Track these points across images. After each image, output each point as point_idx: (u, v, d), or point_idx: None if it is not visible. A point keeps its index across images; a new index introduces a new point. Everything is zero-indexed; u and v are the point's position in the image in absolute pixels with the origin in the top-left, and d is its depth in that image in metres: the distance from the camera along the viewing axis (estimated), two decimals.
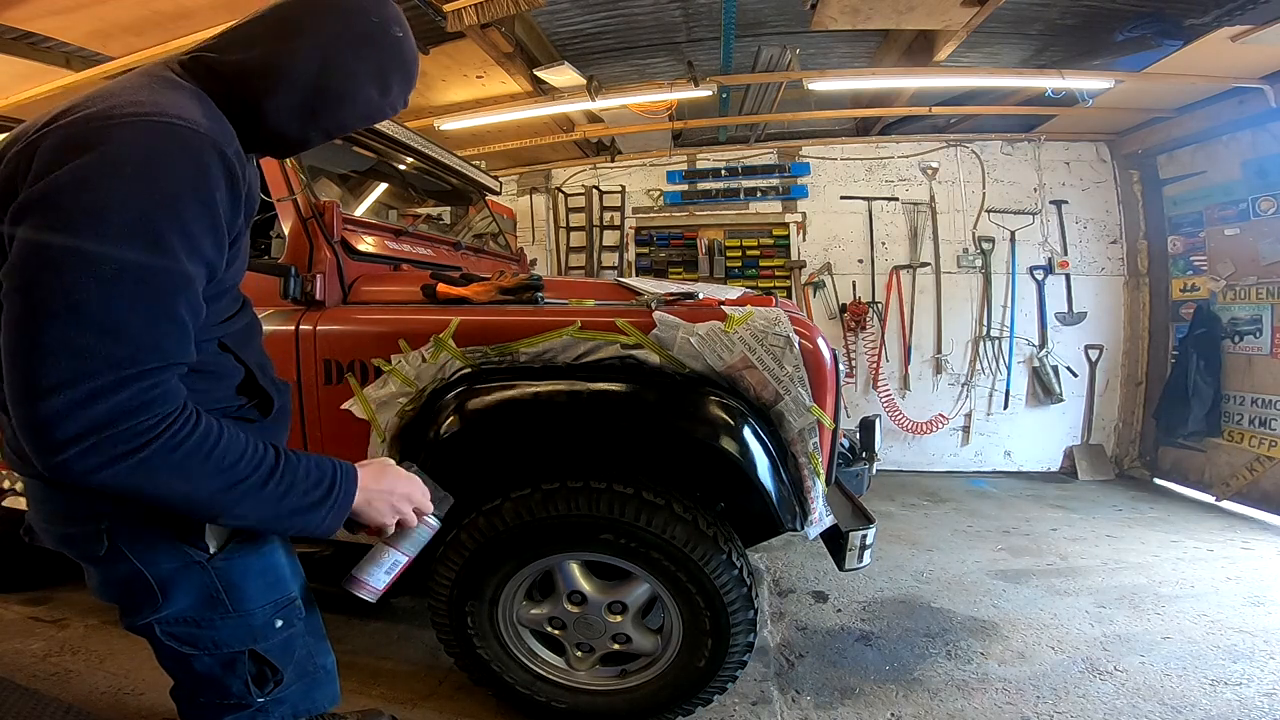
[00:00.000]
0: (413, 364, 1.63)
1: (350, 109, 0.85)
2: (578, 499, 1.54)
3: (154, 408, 0.66)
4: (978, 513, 3.85)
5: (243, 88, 0.79)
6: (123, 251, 0.64)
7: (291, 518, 0.78)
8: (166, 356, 0.68)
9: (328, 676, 1.04)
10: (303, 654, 0.99)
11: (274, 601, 0.93)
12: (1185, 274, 4.42)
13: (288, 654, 0.95)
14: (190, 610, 0.86)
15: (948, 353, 4.84)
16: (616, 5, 3.30)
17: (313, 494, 0.79)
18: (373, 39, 0.82)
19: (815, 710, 1.90)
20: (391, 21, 0.83)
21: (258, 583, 0.91)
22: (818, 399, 1.53)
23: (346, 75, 0.81)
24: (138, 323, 0.65)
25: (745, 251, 5.10)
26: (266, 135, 0.83)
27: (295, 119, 0.82)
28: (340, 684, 1.10)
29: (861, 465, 2.09)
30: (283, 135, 0.84)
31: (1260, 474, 3.80)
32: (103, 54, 3.16)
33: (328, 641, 1.07)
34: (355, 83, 0.82)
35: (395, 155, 2.45)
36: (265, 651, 0.92)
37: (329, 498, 0.81)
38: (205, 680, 0.91)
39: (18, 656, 2.09)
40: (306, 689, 1.00)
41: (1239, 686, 1.98)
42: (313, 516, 0.80)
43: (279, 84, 0.79)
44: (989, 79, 3.85)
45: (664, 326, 1.54)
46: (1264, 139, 3.78)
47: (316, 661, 1.02)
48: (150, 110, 0.68)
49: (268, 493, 0.75)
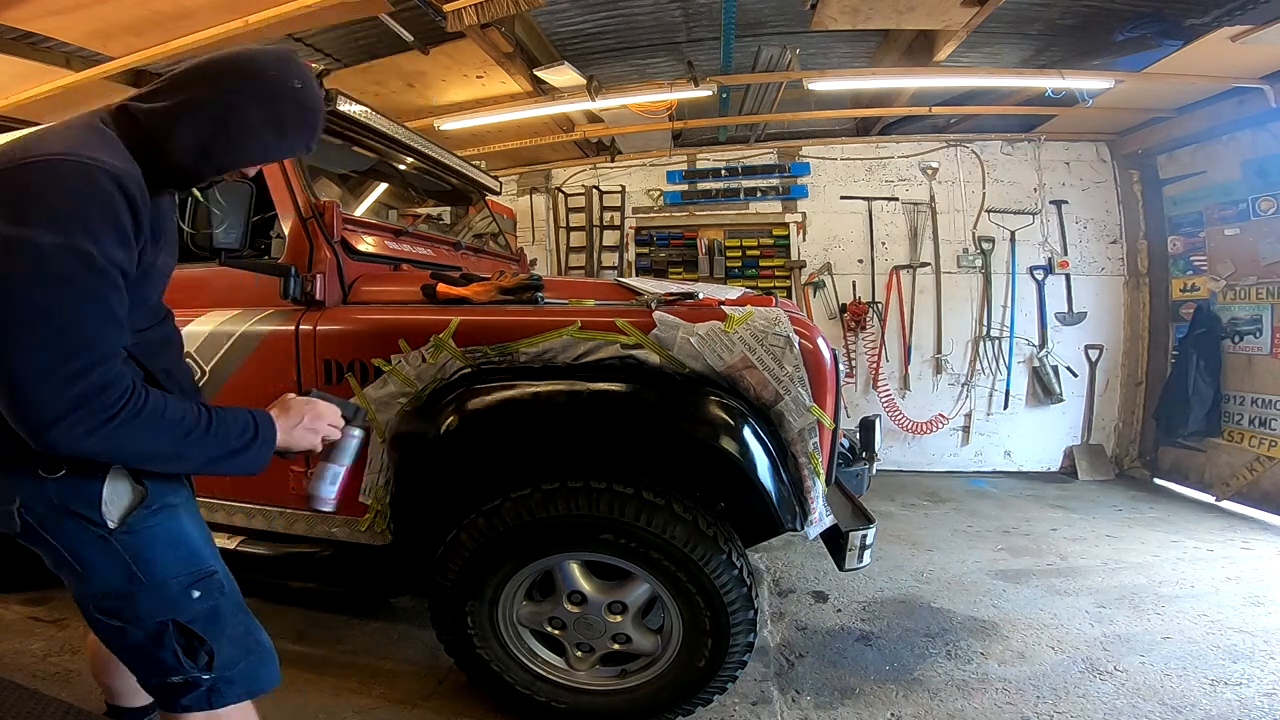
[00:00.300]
0: (413, 364, 1.63)
1: (241, 149, 0.98)
2: (578, 499, 1.54)
3: (114, 387, 0.84)
4: (978, 513, 3.85)
5: (155, 126, 0.94)
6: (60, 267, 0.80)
7: (232, 458, 0.97)
8: (112, 344, 0.86)
9: (269, 654, 1.12)
10: (239, 630, 1.07)
11: (189, 573, 1.02)
12: (1185, 274, 4.42)
13: (215, 626, 1.03)
14: (112, 584, 0.97)
15: (948, 353, 4.84)
16: (616, 5, 3.30)
17: (244, 436, 0.98)
18: (270, 91, 0.96)
19: (815, 710, 1.90)
20: (290, 76, 0.97)
21: (167, 554, 1.00)
22: (818, 399, 1.53)
23: (241, 120, 0.95)
24: (86, 321, 0.83)
25: (745, 251, 5.10)
26: (172, 166, 0.96)
27: (193, 154, 0.95)
28: (340, 683, 1.11)
29: (861, 465, 2.09)
30: (181, 167, 0.97)
31: (1260, 474, 3.80)
32: (103, 54, 3.16)
33: (257, 620, 1.14)
34: (248, 125, 0.96)
35: (395, 155, 2.45)
36: (189, 623, 1.00)
37: (256, 437, 1.00)
38: (142, 655, 1.01)
39: (18, 656, 2.09)
40: (254, 667, 1.08)
41: (1239, 686, 1.98)
42: (248, 454, 0.99)
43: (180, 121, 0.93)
44: (989, 79, 3.85)
45: (664, 326, 1.54)
46: (1264, 139, 3.78)
47: (256, 638, 1.10)
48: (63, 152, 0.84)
49: (210, 439, 0.94)
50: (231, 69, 0.95)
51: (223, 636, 1.04)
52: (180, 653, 1.00)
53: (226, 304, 1.84)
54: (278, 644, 1.15)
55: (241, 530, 1.86)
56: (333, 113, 1.96)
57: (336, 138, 2.14)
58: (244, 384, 1.77)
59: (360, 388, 1.68)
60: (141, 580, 0.97)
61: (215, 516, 1.89)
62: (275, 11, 2.68)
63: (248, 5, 2.69)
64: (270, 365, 1.74)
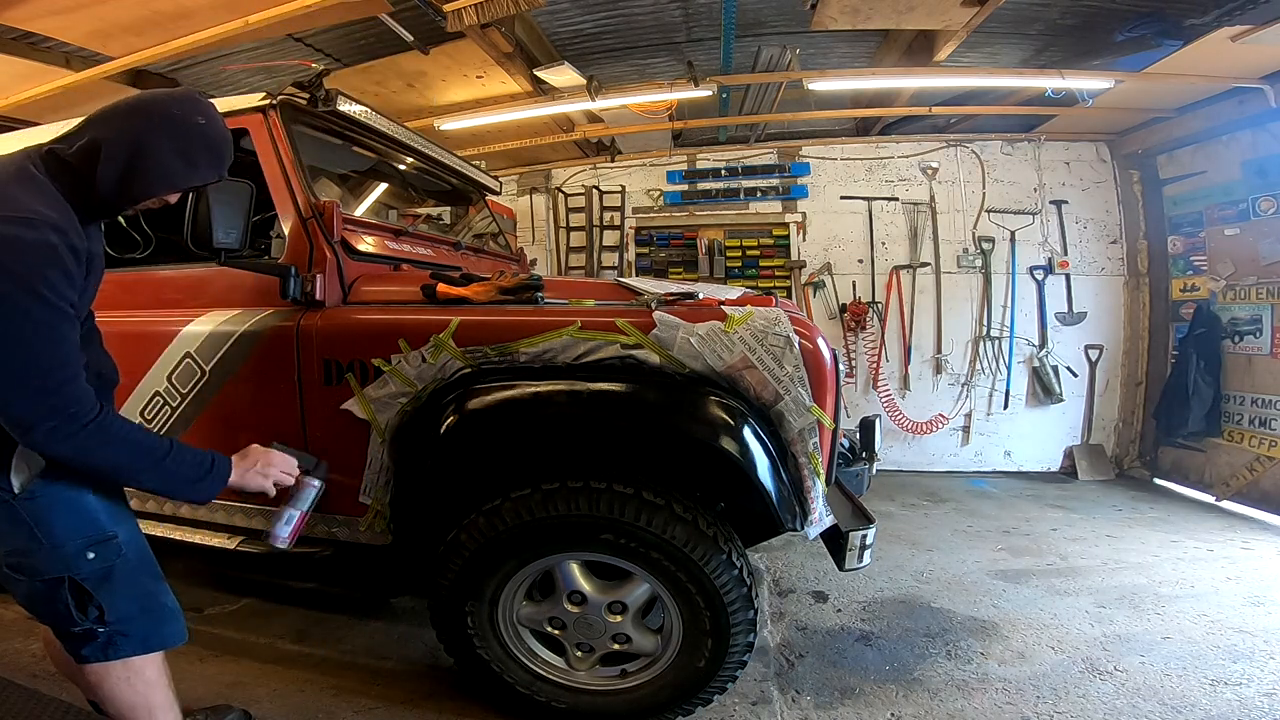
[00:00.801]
0: (413, 364, 1.63)
1: (155, 179, 1.12)
2: (578, 499, 1.54)
3: (84, 400, 1.06)
4: (978, 513, 3.85)
5: (80, 164, 1.09)
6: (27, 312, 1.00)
7: (185, 486, 1.19)
8: (75, 365, 1.07)
9: (172, 615, 1.28)
10: (139, 590, 1.23)
11: (85, 537, 1.17)
12: (1185, 274, 4.42)
13: (106, 584, 1.18)
14: (15, 543, 1.15)
15: (948, 353, 4.84)
16: (616, 5, 3.30)
17: (197, 470, 1.20)
18: (175, 126, 1.11)
19: (815, 710, 1.90)
20: (194, 113, 1.13)
21: (65, 519, 1.16)
22: (818, 399, 1.53)
23: (150, 153, 1.09)
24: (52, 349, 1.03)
25: (745, 251, 5.10)
26: (98, 200, 1.11)
27: (114, 186, 1.10)
28: (340, 683, 1.12)
29: (861, 465, 2.09)
30: (105, 199, 1.11)
31: (1260, 474, 3.80)
32: (103, 54, 3.16)
33: (166, 583, 1.30)
34: (158, 158, 1.10)
35: (395, 155, 2.45)
36: (82, 580, 1.16)
37: (208, 475, 1.21)
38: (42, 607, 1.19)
39: (18, 656, 2.09)
40: (154, 624, 1.25)
41: (1239, 686, 1.98)
42: (198, 486, 1.20)
43: (101, 158, 1.08)
44: (989, 79, 3.85)
45: (664, 326, 1.54)
46: (1264, 139, 3.78)
47: (159, 600, 1.26)
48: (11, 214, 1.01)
49: (166, 465, 1.15)
50: (140, 110, 1.10)
51: (114, 594, 1.19)
52: (71, 606, 1.16)
53: (226, 304, 1.83)
54: (277, 644, 1.16)
55: (242, 530, 1.86)
56: (333, 113, 1.97)
57: (336, 138, 2.14)
58: (244, 384, 1.77)
59: (360, 388, 1.68)
60: (41, 541, 1.14)
61: (216, 516, 1.89)
62: (275, 12, 2.68)
63: (248, 5, 2.69)
64: (270, 365, 1.74)
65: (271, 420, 1.78)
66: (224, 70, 3.59)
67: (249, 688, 1.89)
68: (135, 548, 1.25)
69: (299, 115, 1.90)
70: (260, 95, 1.83)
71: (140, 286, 1.92)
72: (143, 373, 1.85)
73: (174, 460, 1.15)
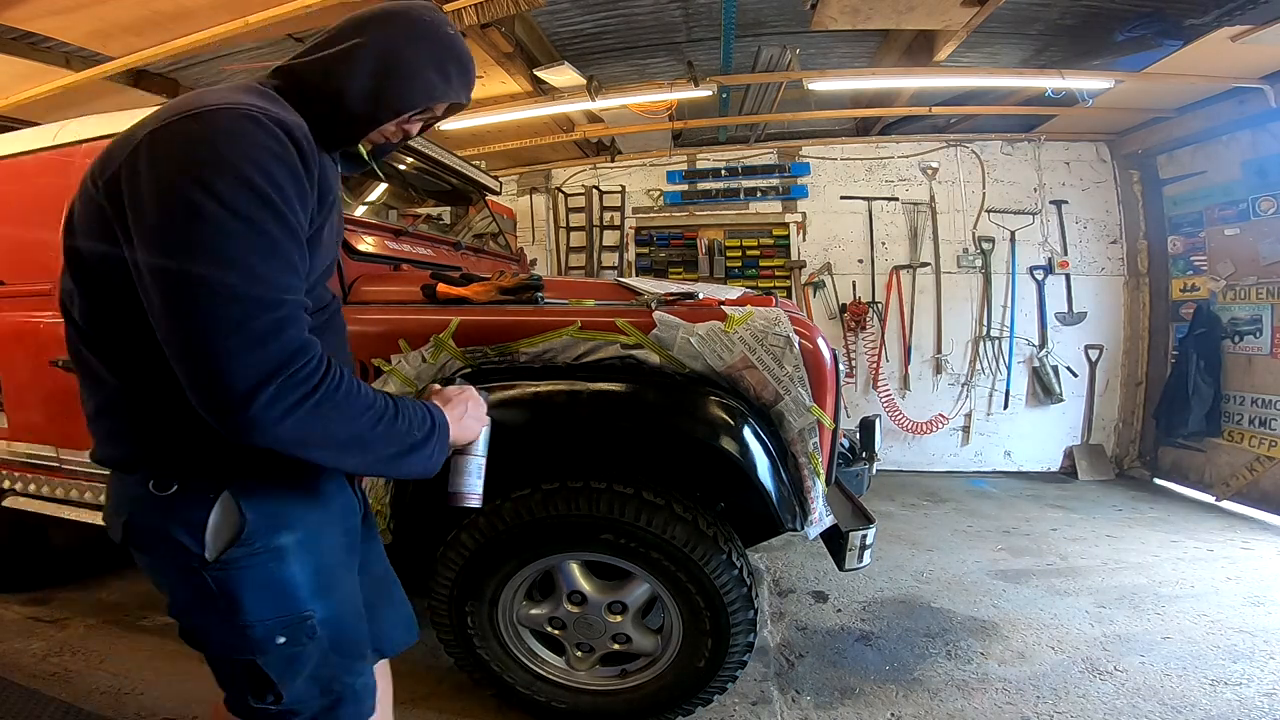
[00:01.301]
0: (413, 364, 1.63)
1: (412, 87, 0.94)
2: (578, 499, 1.54)
3: (309, 350, 0.76)
4: (978, 513, 3.85)
5: (323, 80, 0.91)
6: (240, 214, 0.73)
7: (412, 454, 0.87)
8: (297, 292, 0.78)
9: (355, 696, 1.02)
10: (326, 674, 0.97)
11: (279, 617, 0.92)
12: (1185, 274, 4.42)
13: (290, 670, 0.94)
14: (194, 615, 0.92)
15: (948, 353, 4.84)
16: (616, 5, 3.30)
17: (424, 427, 0.88)
18: (427, 34, 0.95)
19: (815, 710, 1.90)
20: (443, 23, 0.98)
21: (261, 595, 0.90)
22: (818, 399, 1.53)
23: (406, 61, 0.93)
24: (272, 272, 0.75)
25: (745, 251, 5.10)
26: (344, 115, 0.92)
27: (365, 98, 0.92)
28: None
29: (861, 465, 2.09)
30: (353, 114, 0.93)
31: (1260, 474, 3.80)
32: (103, 54, 3.15)
33: (364, 662, 1.05)
34: (414, 66, 0.94)
35: (395, 155, 2.44)
36: (264, 665, 0.92)
37: (434, 429, 0.90)
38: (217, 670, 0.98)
39: (18, 656, 2.09)
40: (334, 708, 0.99)
41: (1239, 686, 1.98)
42: (425, 449, 0.88)
43: (351, 70, 0.91)
44: (989, 79, 3.85)
45: (664, 326, 1.54)
46: (1264, 139, 3.78)
47: (345, 682, 1.00)
48: (227, 103, 0.79)
49: (395, 429, 0.84)
50: (388, 17, 0.94)
51: (296, 679, 0.95)
52: (247, 689, 0.95)
53: None
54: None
55: None
56: None
57: None
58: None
59: None
60: (226, 619, 0.89)
61: None
62: (275, 12, 2.68)
63: (248, 5, 2.69)
64: None
65: None
66: (224, 70, 3.59)
67: None
68: (333, 625, 0.97)
69: None
70: None
71: None
72: None
73: (402, 420, 0.85)
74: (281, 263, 0.76)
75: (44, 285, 1.97)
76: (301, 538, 0.94)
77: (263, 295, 0.73)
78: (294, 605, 0.93)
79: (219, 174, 0.72)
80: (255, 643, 0.91)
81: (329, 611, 0.97)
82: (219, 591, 0.88)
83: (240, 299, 0.71)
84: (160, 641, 2.20)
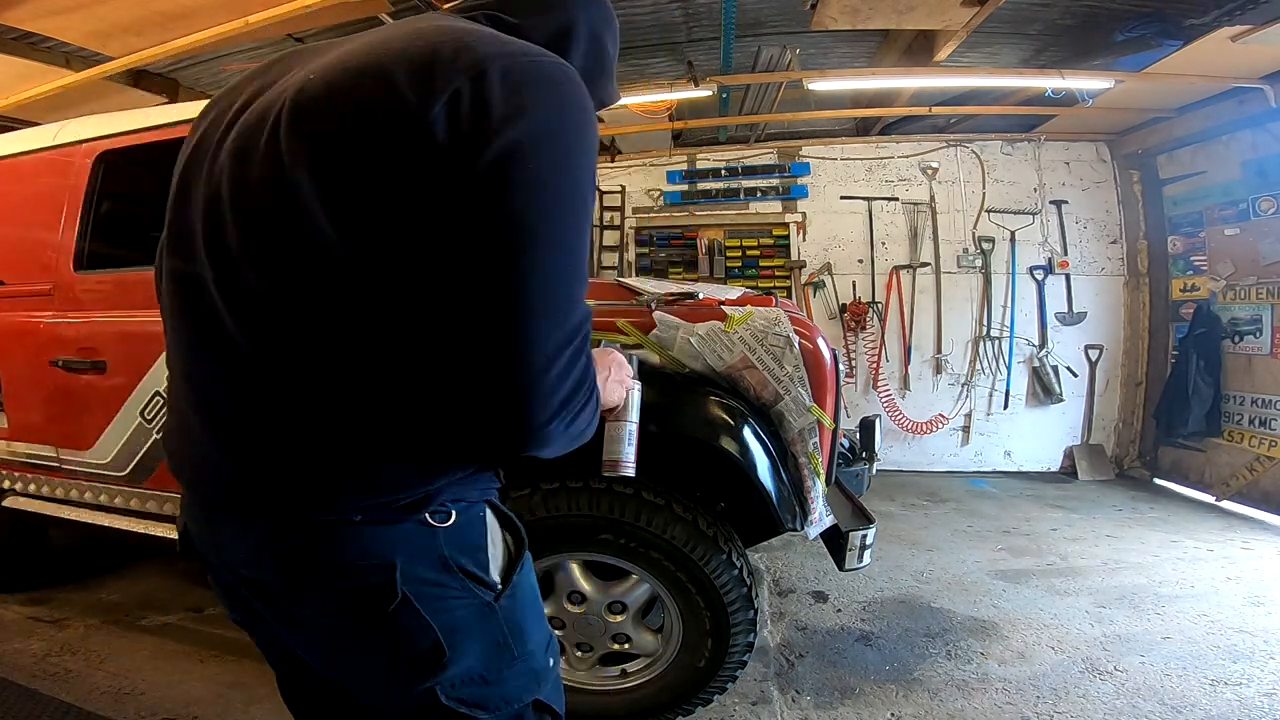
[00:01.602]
0: None
1: (609, 90, 0.86)
2: (578, 499, 1.54)
3: (589, 362, 0.64)
4: (978, 513, 3.85)
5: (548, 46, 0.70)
6: (582, 200, 0.62)
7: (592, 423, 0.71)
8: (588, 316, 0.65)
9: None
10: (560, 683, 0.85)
11: (546, 635, 0.80)
12: (1185, 274, 4.42)
13: (560, 694, 0.82)
14: (480, 665, 0.71)
15: (948, 353, 4.84)
16: (616, 5, 3.27)
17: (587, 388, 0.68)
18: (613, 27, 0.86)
19: (815, 710, 1.90)
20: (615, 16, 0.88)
21: (533, 614, 0.78)
22: (818, 399, 1.53)
23: (609, 56, 0.84)
24: (579, 286, 0.62)
25: (745, 251, 5.10)
26: None
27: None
28: None
29: (861, 465, 2.09)
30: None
31: (1260, 474, 3.80)
32: (102, 54, 3.16)
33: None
34: (607, 65, 0.84)
35: None
36: (547, 697, 0.78)
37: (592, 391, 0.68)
38: None
39: (18, 656, 2.09)
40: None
41: (1239, 686, 1.98)
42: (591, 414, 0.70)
43: (573, 45, 0.78)
44: (989, 79, 3.85)
45: (664, 326, 1.54)
46: (1264, 139, 3.78)
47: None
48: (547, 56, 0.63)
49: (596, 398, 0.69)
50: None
51: (563, 703, 0.82)
52: None
53: None
54: None
55: None
56: None
57: None
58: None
59: None
60: (513, 654, 0.73)
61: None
62: (275, 11, 2.68)
63: (248, 5, 2.69)
64: None
65: None
66: (224, 70, 3.59)
67: (249, 688, 1.88)
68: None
69: None
70: None
71: (140, 286, 1.92)
72: (143, 372, 1.85)
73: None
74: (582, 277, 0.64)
75: (44, 285, 1.97)
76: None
77: (566, 301, 0.60)
78: (544, 618, 0.82)
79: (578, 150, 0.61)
80: (539, 673, 0.77)
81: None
82: (510, 626, 0.73)
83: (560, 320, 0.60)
84: (160, 641, 2.20)
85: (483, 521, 0.73)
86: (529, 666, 0.75)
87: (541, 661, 0.77)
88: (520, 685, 0.75)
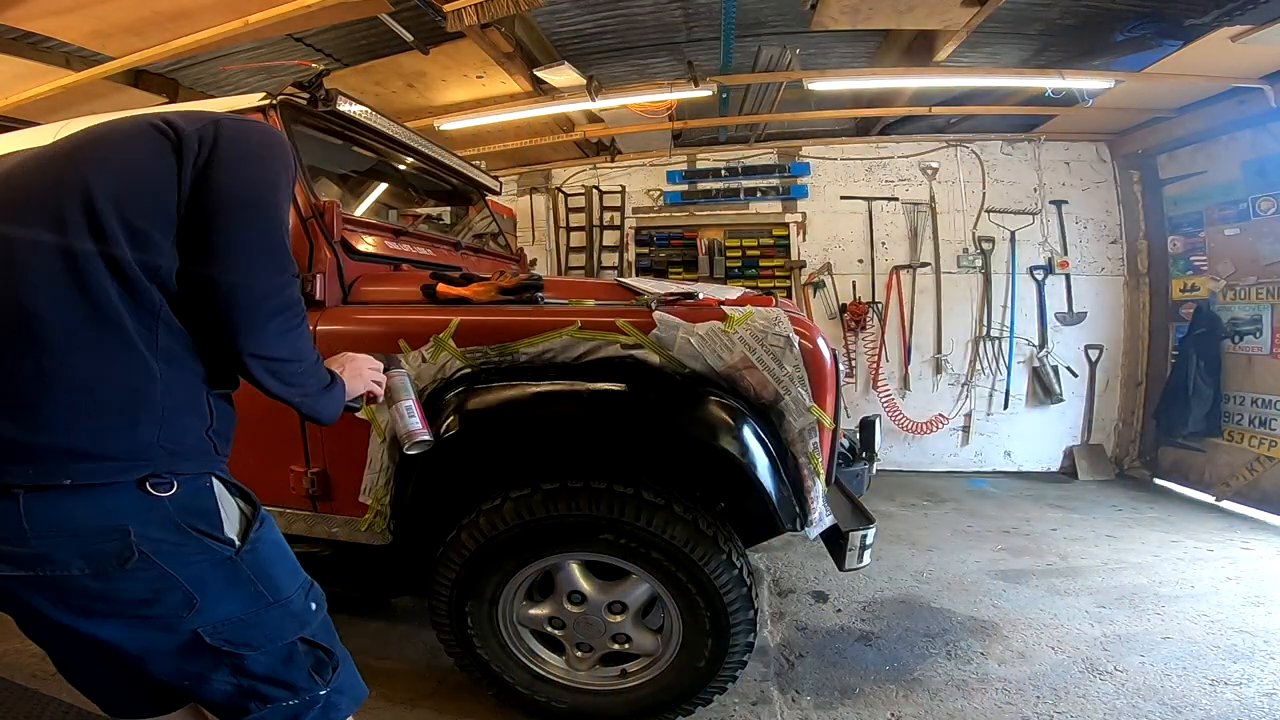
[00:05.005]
0: (413, 364, 1.63)
1: None
2: (578, 499, 1.54)
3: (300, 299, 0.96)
4: (978, 513, 3.85)
5: None
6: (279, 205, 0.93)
7: (324, 394, 1.01)
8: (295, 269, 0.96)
9: (350, 658, 1.07)
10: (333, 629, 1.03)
11: (301, 585, 0.97)
12: (1185, 274, 4.42)
13: (332, 635, 1.00)
14: (238, 609, 0.88)
15: (948, 353, 4.84)
16: (616, 5, 3.30)
17: (327, 376, 1.03)
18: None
19: (815, 710, 1.90)
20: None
21: (282, 564, 0.96)
22: (818, 399, 1.53)
23: None
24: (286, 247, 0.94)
25: (745, 251, 5.10)
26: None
27: None
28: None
29: (861, 465, 2.09)
30: None
31: (1260, 474, 3.80)
32: (102, 54, 3.15)
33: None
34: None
35: (395, 155, 2.44)
36: (314, 636, 0.96)
37: (334, 380, 1.05)
38: (268, 682, 0.92)
39: (18, 656, 2.09)
40: (353, 675, 1.04)
41: (1239, 686, 1.98)
42: (329, 394, 1.02)
43: None
44: (989, 79, 3.85)
45: (664, 326, 1.54)
46: (1264, 139, 3.78)
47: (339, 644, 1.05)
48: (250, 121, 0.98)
49: (320, 369, 1.02)
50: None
51: (336, 643, 1.00)
52: (312, 671, 0.95)
53: None
54: None
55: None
56: (332, 113, 1.96)
57: (336, 138, 2.13)
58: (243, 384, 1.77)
59: None
60: (268, 599, 0.90)
61: None
62: (275, 12, 2.68)
63: (248, 5, 2.69)
64: None
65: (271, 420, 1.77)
66: (224, 70, 3.59)
67: None
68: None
69: (299, 115, 1.89)
70: (260, 95, 1.83)
71: None
72: None
73: (320, 364, 1.03)
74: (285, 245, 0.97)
75: None
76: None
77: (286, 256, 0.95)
78: (300, 570, 0.99)
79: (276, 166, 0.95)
80: (299, 615, 0.94)
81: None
82: (256, 575, 0.90)
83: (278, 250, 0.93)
84: None
85: (207, 490, 0.87)
86: (287, 610, 0.92)
87: (300, 605, 0.94)
88: (282, 625, 0.92)
